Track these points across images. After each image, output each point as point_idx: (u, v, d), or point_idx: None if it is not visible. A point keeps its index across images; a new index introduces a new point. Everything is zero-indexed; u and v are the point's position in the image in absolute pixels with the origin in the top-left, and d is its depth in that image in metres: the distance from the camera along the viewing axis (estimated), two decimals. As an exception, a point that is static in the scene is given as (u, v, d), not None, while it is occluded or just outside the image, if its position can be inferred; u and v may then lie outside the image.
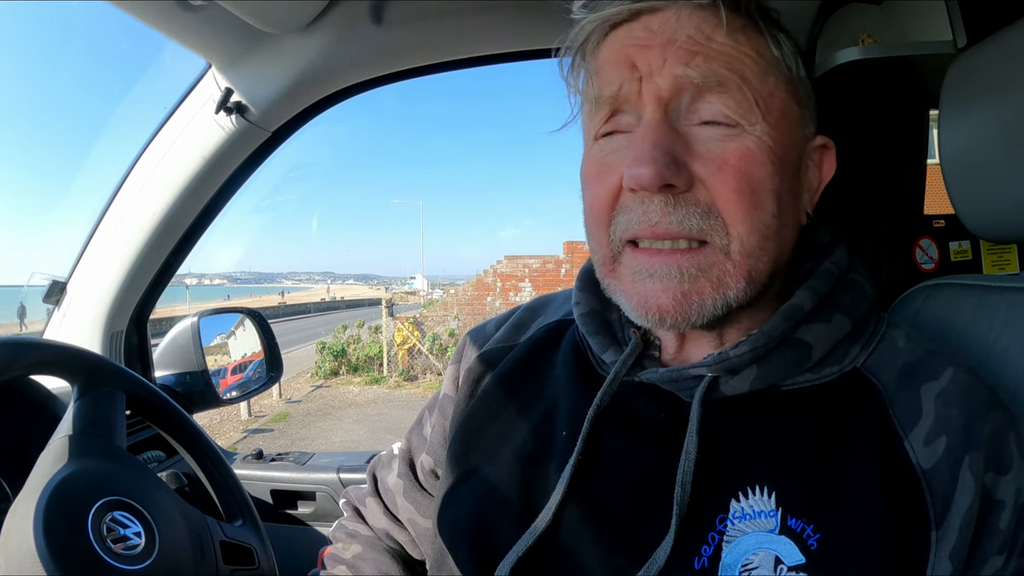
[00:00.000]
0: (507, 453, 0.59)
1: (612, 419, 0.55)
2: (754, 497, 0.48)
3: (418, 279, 29.36)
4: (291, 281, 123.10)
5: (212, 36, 0.91)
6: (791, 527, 0.46)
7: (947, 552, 0.44)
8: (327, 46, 0.94)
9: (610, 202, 0.52)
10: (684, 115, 0.50)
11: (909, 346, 0.53)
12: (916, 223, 1.13)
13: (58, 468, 0.60)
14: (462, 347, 0.73)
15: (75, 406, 0.68)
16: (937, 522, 0.44)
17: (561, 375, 0.62)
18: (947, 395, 0.49)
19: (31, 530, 0.54)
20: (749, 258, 0.49)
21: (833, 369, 0.52)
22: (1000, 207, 0.68)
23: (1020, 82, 0.63)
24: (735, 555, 0.46)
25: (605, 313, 0.62)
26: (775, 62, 0.52)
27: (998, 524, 0.45)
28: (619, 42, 0.51)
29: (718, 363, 0.51)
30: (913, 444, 0.47)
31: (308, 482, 1.22)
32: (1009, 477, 0.45)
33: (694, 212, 0.48)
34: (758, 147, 0.49)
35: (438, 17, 0.93)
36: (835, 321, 0.53)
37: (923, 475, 0.46)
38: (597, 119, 0.53)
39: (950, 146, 0.72)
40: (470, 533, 0.57)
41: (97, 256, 1.12)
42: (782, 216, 0.51)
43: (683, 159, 0.48)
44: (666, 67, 0.48)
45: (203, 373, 1.19)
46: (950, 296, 0.72)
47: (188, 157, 1.02)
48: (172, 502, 0.67)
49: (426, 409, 0.76)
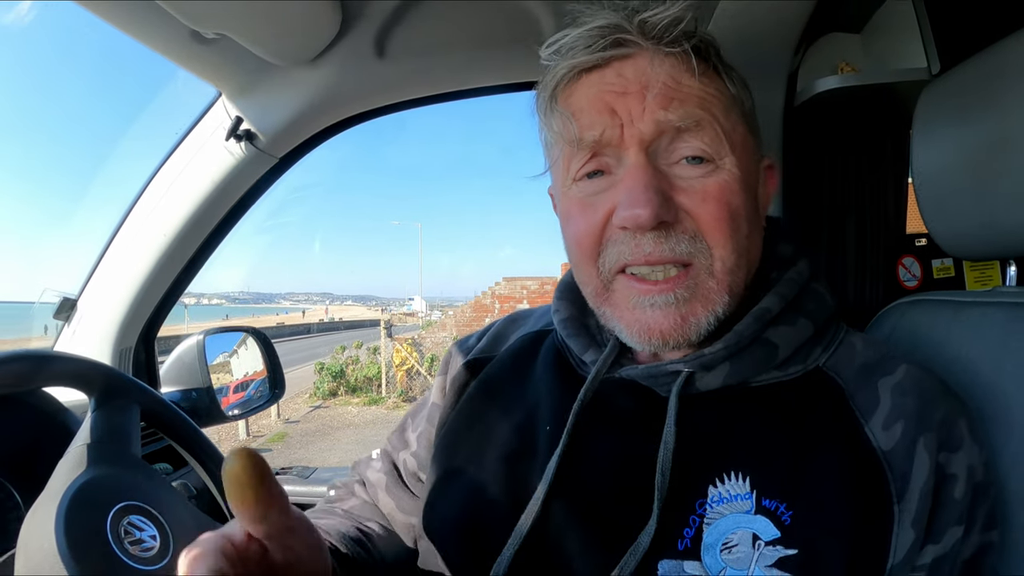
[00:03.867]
0: (492, 453, 0.63)
1: (594, 414, 0.59)
2: (730, 482, 0.52)
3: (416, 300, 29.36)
4: (290, 302, 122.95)
5: (223, 67, 0.96)
6: (766, 506, 0.50)
7: (909, 521, 0.48)
8: (332, 78, 0.98)
9: (597, 238, 0.56)
10: (663, 154, 0.55)
11: (866, 349, 0.59)
12: (899, 242, 1.17)
13: (77, 474, 0.63)
14: (447, 359, 0.77)
15: (93, 416, 0.71)
16: (899, 496, 0.49)
17: (543, 377, 0.66)
18: (902, 387, 0.54)
19: (52, 531, 0.56)
20: (729, 275, 0.55)
21: (798, 368, 0.57)
22: (969, 226, 0.72)
23: (987, 107, 0.67)
24: (715, 535, 0.50)
25: (583, 319, 0.66)
26: (733, 99, 0.57)
27: (953, 495, 0.50)
28: (594, 88, 0.55)
29: (694, 359, 0.56)
30: (873, 429, 0.52)
31: (311, 495, 1.24)
32: (960, 455, 0.51)
33: (683, 239, 0.54)
34: (732, 179, 0.54)
35: (436, 52, 0.98)
36: (799, 324, 0.58)
37: (883, 456, 0.51)
38: (578, 160, 0.57)
39: (922, 169, 0.76)
40: (459, 530, 0.60)
41: (108, 274, 1.16)
42: (752, 235, 0.57)
43: (670, 194, 0.53)
44: (646, 113, 0.53)
45: (208, 390, 1.21)
46: (925, 312, 0.75)
47: (199, 181, 1.07)
48: (184, 508, 0.70)
49: (409, 416, 0.80)
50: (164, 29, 0.81)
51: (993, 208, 0.67)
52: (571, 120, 0.56)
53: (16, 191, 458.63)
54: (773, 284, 0.60)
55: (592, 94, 0.55)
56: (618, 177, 0.55)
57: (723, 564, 0.49)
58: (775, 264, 0.63)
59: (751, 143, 0.59)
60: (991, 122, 0.66)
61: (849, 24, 1.08)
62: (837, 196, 1.13)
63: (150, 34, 0.83)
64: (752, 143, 0.60)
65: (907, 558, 0.48)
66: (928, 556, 0.49)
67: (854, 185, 1.13)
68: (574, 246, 0.59)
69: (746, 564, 0.48)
